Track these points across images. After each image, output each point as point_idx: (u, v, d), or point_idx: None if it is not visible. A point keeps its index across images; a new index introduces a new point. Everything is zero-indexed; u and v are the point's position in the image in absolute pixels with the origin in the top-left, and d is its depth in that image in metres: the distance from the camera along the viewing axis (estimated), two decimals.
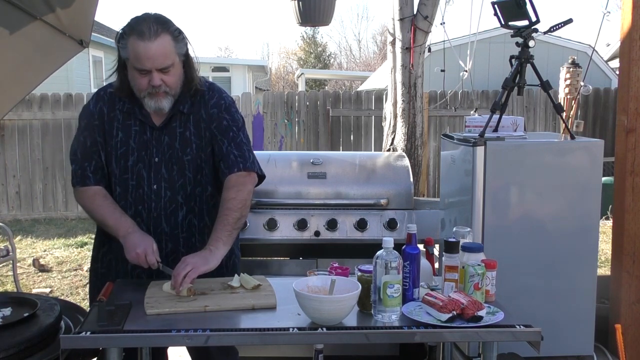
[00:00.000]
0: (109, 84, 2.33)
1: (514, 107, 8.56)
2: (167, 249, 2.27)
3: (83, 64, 12.77)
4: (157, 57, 2.08)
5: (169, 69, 2.13)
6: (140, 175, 2.24)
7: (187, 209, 2.29)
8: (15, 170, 8.27)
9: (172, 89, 2.17)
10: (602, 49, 13.68)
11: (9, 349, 1.88)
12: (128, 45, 2.09)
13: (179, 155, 2.25)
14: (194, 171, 2.27)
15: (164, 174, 2.25)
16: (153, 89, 2.13)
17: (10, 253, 4.50)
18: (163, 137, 2.25)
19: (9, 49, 2.72)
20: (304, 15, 4.57)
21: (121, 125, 2.26)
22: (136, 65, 2.10)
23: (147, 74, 2.11)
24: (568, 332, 2.71)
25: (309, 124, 8.54)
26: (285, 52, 35.80)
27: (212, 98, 2.31)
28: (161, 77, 2.11)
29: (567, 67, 2.92)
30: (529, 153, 2.70)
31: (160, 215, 2.26)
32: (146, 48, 2.06)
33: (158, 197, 2.25)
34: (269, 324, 1.83)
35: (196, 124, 2.27)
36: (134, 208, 2.25)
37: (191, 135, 2.27)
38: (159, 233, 2.26)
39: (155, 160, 2.24)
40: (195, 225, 2.31)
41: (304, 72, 20.95)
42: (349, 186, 3.33)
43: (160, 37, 2.08)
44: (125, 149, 2.24)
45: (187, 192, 2.28)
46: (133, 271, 2.27)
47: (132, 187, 2.25)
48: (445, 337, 1.94)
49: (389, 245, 1.85)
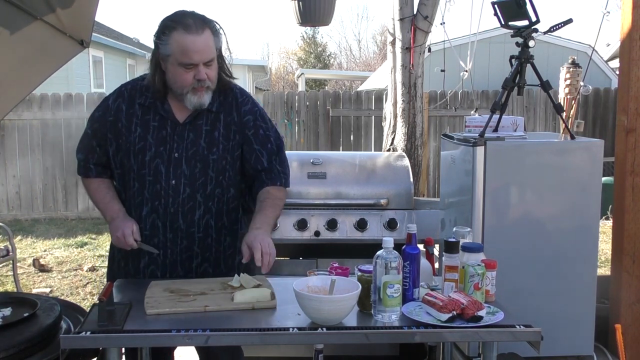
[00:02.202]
0: (132, 79, 2.34)
1: (514, 107, 8.56)
2: (182, 246, 2.27)
3: (83, 64, 12.76)
4: (204, 50, 2.09)
5: (212, 63, 2.14)
6: (157, 170, 2.22)
7: (204, 208, 2.26)
8: (15, 170, 8.28)
9: (213, 83, 2.18)
10: (602, 49, 13.69)
11: (9, 349, 1.88)
12: (172, 40, 2.09)
13: (204, 153, 2.23)
14: (217, 171, 2.25)
15: (184, 170, 2.22)
16: (198, 83, 2.12)
17: (10, 253, 4.50)
18: (187, 133, 2.23)
19: (9, 49, 2.71)
20: (304, 15, 4.56)
21: (140, 121, 2.24)
22: (183, 59, 2.09)
23: (193, 68, 2.10)
24: (568, 332, 2.71)
25: (309, 124, 8.54)
26: (285, 52, 35.84)
27: (245, 103, 2.30)
28: (206, 72, 2.12)
29: (567, 67, 2.92)
30: (529, 153, 2.70)
31: (178, 212, 2.23)
32: (194, 41, 2.07)
33: (176, 193, 2.22)
34: (269, 324, 1.84)
35: (227, 125, 2.26)
36: (150, 204, 2.24)
37: (220, 136, 2.25)
38: (175, 229, 2.25)
39: (174, 156, 2.22)
40: (212, 226, 2.29)
41: (304, 72, 20.94)
42: (349, 186, 3.33)
43: (205, 31, 2.10)
44: (143, 144, 2.22)
45: (207, 192, 2.25)
46: (146, 269, 2.28)
47: (149, 183, 2.23)
48: (445, 337, 1.94)
49: (389, 245, 1.85)
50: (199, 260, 2.29)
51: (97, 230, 7.51)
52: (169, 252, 2.26)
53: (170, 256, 2.27)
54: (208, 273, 2.30)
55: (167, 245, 2.26)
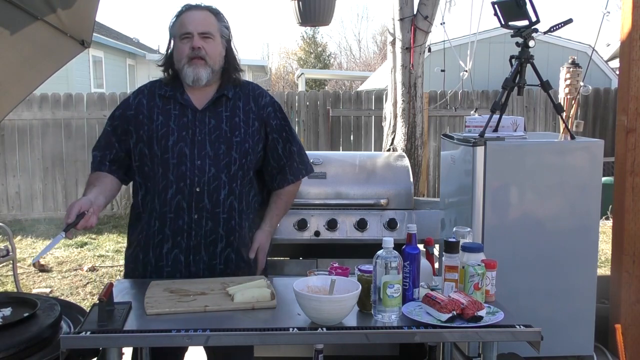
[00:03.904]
0: (150, 81, 2.47)
1: (514, 107, 8.57)
2: (207, 227, 2.29)
3: (83, 64, 12.77)
4: (199, 21, 2.28)
5: (210, 37, 2.29)
6: (182, 152, 2.28)
7: (229, 189, 2.31)
8: (15, 170, 8.28)
9: (210, 58, 2.29)
10: (602, 49, 13.69)
11: (9, 349, 1.88)
12: (176, 19, 2.31)
13: (227, 135, 2.32)
14: (241, 153, 2.33)
15: (208, 151, 2.29)
16: (193, 51, 2.26)
17: (10, 253, 4.50)
18: (207, 119, 2.33)
19: (10, 49, 2.71)
20: (304, 15, 4.56)
21: (161, 110, 2.34)
22: (181, 30, 2.28)
23: (189, 39, 2.26)
24: (568, 332, 2.71)
25: (309, 124, 8.54)
26: (285, 52, 35.81)
27: (262, 96, 2.45)
28: (201, 43, 2.26)
29: (567, 67, 2.92)
30: (529, 153, 2.70)
31: (203, 191, 2.28)
32: (190, 14, 2.30)
33: (202, 173, 2.28)
34: (269, 324, 1.83)
35: (246, 113, 2.37)
36: (175, 185, 2.27)
37: (240, 122, 2.35)
38: (200, 209, 2.28)
39: (198, 139, 2.30)
40: (235, 208, 2.33)
41: (304, 72, 20.95)
42: (349, 186, 3.33)
43: (205, 10, 2.32)
44: (165, 130, 2.30)
45: (231, 172, 2.31)
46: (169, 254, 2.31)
47: (173, 166, 2.28)
48: (445, 337, 1.94)
49: (389, 245, 1.85)
50: (223, 244, 2.32)
51: (97, 230, 7.50)
52: (193, 234, 2.28)
53: (195, 239, 2.29)
54: (231, 260, 2.33)
55: (192, 227, 2.28)
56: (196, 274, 2.28)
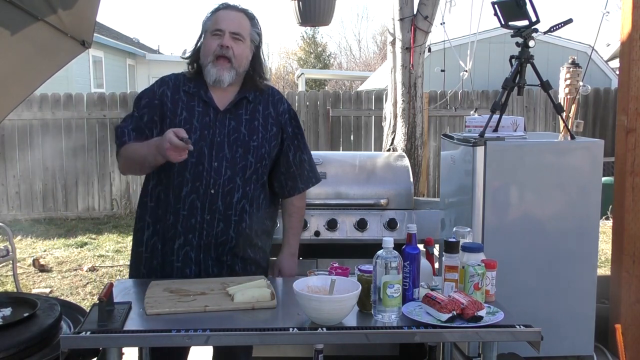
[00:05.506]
0: (172, 74, 2.47)
1: (514, 107, 8.57)
2: (218, 228, 2.31)
3: (83, 64, 12.78)
4: (233, 21, 2.32)
5: (240, 39, 2.31)
6: (201, 152, 2.29)
7: (242, 192, 2.33)
8: (15, 170, 8.28)
9: (237, 60, 2.31)
10: (602, 49, 13.69)
11: (9, 349, 1.88)
12: (211, 16, 2.35)
13: (245, 139, 2.34)
14: (257, 158, 2.35)
15: (226, 153, 2.31)
16: (221, 49, 2.28)
17: (10, 253, 4.50)
18: (228, 120, 2.34)
19: (10, 49, 2.71)
20: (304, 15, 4.56)
21: (185, 106, 2.35)
22: (214, 27, 2.31)
23: (220, 37, 2.29)
24: (568, 332, 2.71)
25: (309, 124, 8.54)
26: (285, 52, 35.77)
27: (281, 102, 2.46)
28: (231, 43, 2.29)
29: (567, 67, 2.91)
30: (529, 153, 2.70)
31: (218, 193, 2.30)
32: (226, 13, 2.34)
33: (218, 174, 2.30)
34: (269, 324, 1.84)
35: (265, 117, 2.40)
36: (191, 184, 2.29)
37: (259, 126, 2.37)
38: (213, 210, 2.30)
39: (217, 140, 2.31)
40: (247, 211, 2.35)
41: (304, 72, 20.93)
42: (349, 186, 3.33)
43: (240, 12, 2.36)
44: (188, 127, 2.30)
45: (245, 176, 2.33)
46: (180, 250, 2.31)
47: (192, 164, 2.29)
48: (445, 337, 1.94)
49: (389, 245, 1.85)
50: (232, 244, 2.34)
51: (97, 230, 7.50)
52: (205, 233, 2.31)
53: (206, 238, 2.31)
54: (240, 261, 2.36)
55: (204, 227, 2.31)
56: (205, 271, 2.31)
